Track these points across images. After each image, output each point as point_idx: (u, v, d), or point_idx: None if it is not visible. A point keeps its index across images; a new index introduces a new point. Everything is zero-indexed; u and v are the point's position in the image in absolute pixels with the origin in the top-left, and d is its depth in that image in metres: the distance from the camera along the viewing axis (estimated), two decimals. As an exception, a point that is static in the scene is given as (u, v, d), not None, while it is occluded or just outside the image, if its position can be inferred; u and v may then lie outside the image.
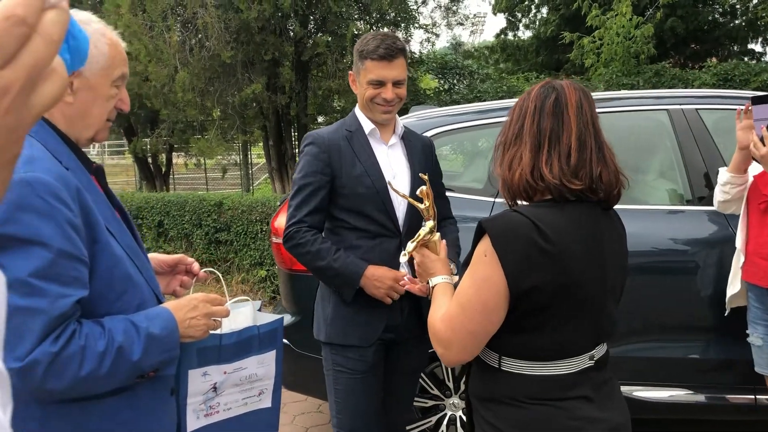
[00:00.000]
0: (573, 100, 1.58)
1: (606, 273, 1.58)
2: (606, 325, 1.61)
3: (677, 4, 11.80)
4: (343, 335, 2.43)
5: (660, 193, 3.51)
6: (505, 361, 1.57)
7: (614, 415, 1.58)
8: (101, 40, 1.44)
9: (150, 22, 8.55)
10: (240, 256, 7.21)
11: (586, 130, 1.56)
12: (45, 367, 1.28)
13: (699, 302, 3.16)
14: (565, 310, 1.51)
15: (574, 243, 1.51)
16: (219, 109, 9.71)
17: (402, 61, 2.34)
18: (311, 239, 2.34)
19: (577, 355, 1.56)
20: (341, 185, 2.36)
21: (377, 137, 2.43)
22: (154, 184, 12.74)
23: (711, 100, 3.49)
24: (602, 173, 1.56)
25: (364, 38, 2.37)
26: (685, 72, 9.14)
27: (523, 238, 1.47)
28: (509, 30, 16.92)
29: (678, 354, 3.19)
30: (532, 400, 1.53)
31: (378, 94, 2.33)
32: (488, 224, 1.52)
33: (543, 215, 1.50)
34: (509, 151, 1.61)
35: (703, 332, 3.20)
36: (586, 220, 1.56)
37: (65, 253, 1.30)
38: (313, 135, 2.44)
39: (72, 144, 1.47)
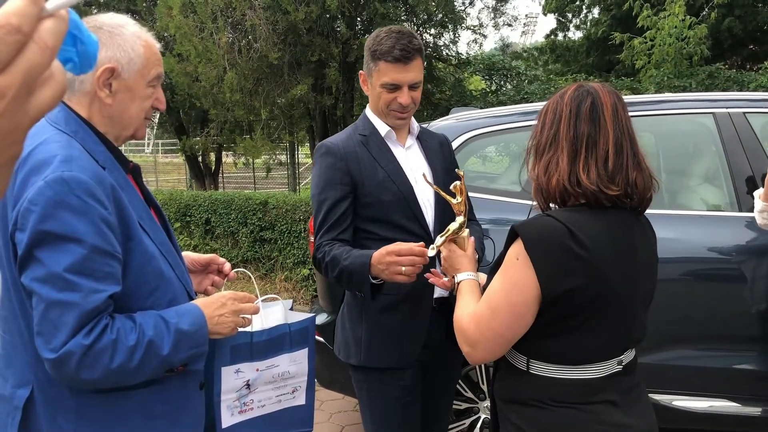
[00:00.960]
0: (609, 105, 1.56)
1: (637, 279, 1.57)
2: (636, 332, 1.60)
3: (735, 3, 11.48)
4: (379, 357, 2.23)
5: (705, 198, 3.43)
6: (534, 365, 1.57)
7: (640, 421, 1.57)
8: (137, 43, 1.49)
9: (200, 24, 8.73)
10: (284, 254, 7.30)
11: (622, 135, 1.55)
12: (78, 359, 1.33)
13: (745, 311, 3.07)
14: (597, 315, 1.51)
15: (608, 249, 1.50)
16: (266, 110, 9.85)
17: (419, 61, 2.17)
18: (327, 250, 2.14)
19: (606, 359, 1.55)
20: (364, 194, 2.17)
21: (393, 140, 2.27)
22: (204, 182, 13.00)
23: (760, 103, 3.39)
24: (637, 179, 1.55)
25: (377, 36, 2.17)
26: (741, 74, 8.87)
27: (558, 244, 1.46)
28: (559, 30, 16.71)
29: (720, 364, 3.11)
30: (558, 403, 1.53)
31: (393, 98, 2.15)
32: (522, 229, 1.51)
33: (577, 221, 1.49)
34: (545, 156, 1.59)
35: (748, 342, 3.11)
36: (620, 227, 1.55)
37: (99, 250, 1.35)
38: (326, 144, 2.26)
39: (109, 143, 1.52)
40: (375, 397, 2.29)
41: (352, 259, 2.06)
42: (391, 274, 1.97)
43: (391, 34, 2.14)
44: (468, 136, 3.54)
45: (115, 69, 1.46)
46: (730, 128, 3.25)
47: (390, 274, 1.97)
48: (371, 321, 2.25)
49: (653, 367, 2.96)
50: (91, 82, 1.46)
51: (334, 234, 2.16)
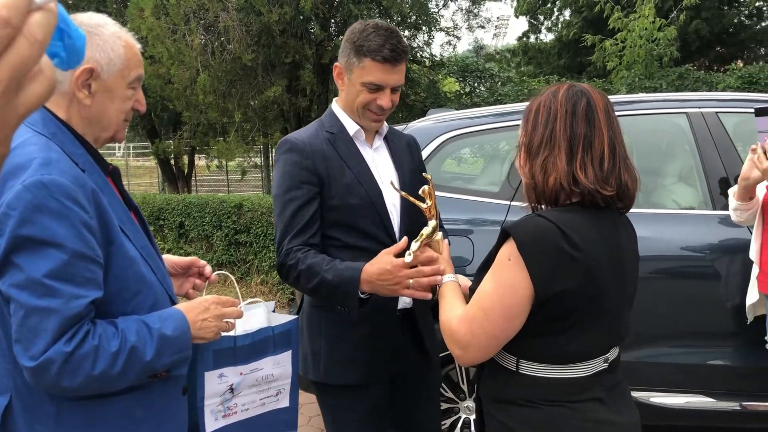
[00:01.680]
0: (601, 106, 1.57)
1: (625, 278, 1.59)
2: (622, 330, 1.63)
3: (702, 6, 11.68)
4: (340, 374, 2.10)
5: (678, 197, 3.48)
6: (523, 364, 1.57)
7: (625, 417, 1.59)
8: (117, 43, 1.47)
9: (173, 26, 8.65)
10: (259, 258, 7.26)
11: (614, 137, 1.56)
12: (59, 366, 1.30)
13: (719, 307, 3.12)
14: (588, 315, 1.52)
15: (599, 250, 1.51)
16: (240, 112, 9.79)
17: (404, 64, 2.05)
18: (301, 257, 1.96)
19: (594, 358, 1.56)
20: (330, 196, 2.02)
21: (362, 140, 2.12)
22: (177, 185, 12.87)
23: (731, 103, 3.46)
24: (628, 180, 1.57)
25: (363, 30, 2.00)
26: (709, 75, 9.04)
27: (551, 245, 1.46)
28: (531, 33, 16.86)
29: (696, 360, 3.15)
30: (548, 402, 1.54)
31: (373, 99, 2.01)
32: (514, 230, 1.51)
33: (569, 221, 1.49)
34: (540, 155, 1.58)
35: (723, 338, 3.17)
36: (608, 226, 1.57)
37: (80, 254, 1.32)
38: (291, 140, 2.09)
39: (89, 146, 1.49)
40: (338, 416, 2.16)
41: (337, 271, 1.91)
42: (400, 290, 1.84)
43: (380, 31, 1.98)
44: (446, 137, 3.55)
45: (94, 69, 1.43)
46: (704, 128, 3.30)
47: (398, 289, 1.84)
48: (331, 334, 2.11)
49: (630, 365, 2.99)
50: (69, 83, 1.43)
51: (304, 238, 2.00)
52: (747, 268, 2.95)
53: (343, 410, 2.15)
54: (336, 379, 2.11)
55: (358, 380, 2.09)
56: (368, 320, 2.08)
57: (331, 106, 2.18)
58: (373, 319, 2.08)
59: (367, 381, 2.10)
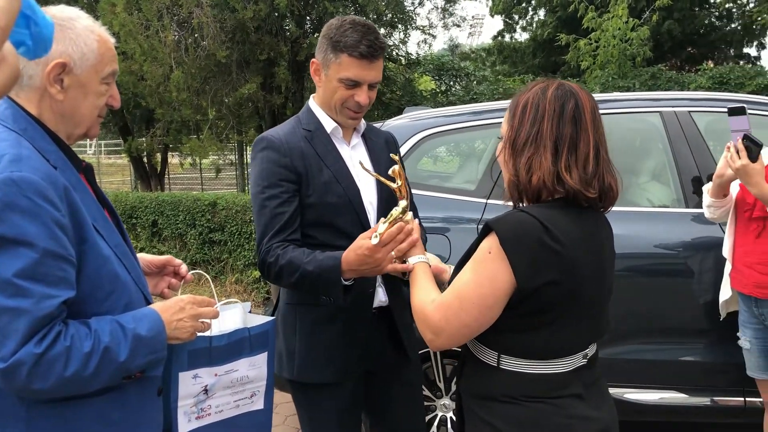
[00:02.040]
0: (588, 108, 1.57)
1: (604, 275, 1.61)
2: (602, 325, 1.64)
3: (674, 7, 11.83)
4: (314, 372, 2.10)
5: (652, 195, 3.52)
6: (504, 360, 1.58)
7: (603, 413, 1.60)
8: (90, 37, 1.43)
9: (145, 21, 8.54)
10: (234, 256, 7.20)
11: (600, 140, 1.57)
12: (29, 368, 1.27)
13: (691, 305, 3.16)
14: (569, 310, 1.53)
15: (580, 245, 1.52)
16: (214, 109, 9.70)
17: (381, 61, 2.04)
18: (281, 253, 1.96)
19: (573, 353, 1.57)
20: (307, 194, 2.02)
21: (339, 137, 2.11)
22: (150, 183, 12.71)
23: (704, 102, 3.50)
24: (612, 183, 1.58)
25: (341, 26, 1.99)
26: (681, 75, 9.17)
27: (533, 238, 1.47)
28: (506, 32, 16.95)
29: (669, 357, 3.19)
30: (528, 398, 1.54)
31: (351, 96, 2.00)
32: (496, 224, 1.51)
33: (551, 217, 1.51)
34: (525, 153, 1.58)
35: (696, 335, 3.21)
36: (589, 224, 1.58)
37: (51, 253, 1.29)
38: (267, 137, 2.07)
39: (61, 142, 1.46)
40: (313, 414, 2.16)
41: (317, 262, 1.90)
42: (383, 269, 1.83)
43: (357, 27, 1.98)
44: (422, 135, 3.55)
45: (66, 64, 1.40)
46: (677, 127, 3.34)
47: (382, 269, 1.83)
48: (305, 332, 2.11)
49: (605, 361, 3.01)
50: (40, 78, 1.39)
51: (284, 236, 1.99)
52: (720, 265, 2.99)
53: (318, 408, 2.14)
54: (310, 377, 2.11)
55: (332, 378, 2.09)
56: (342, 318, 2.07)
57: (308, 103, 2.16)
58: (347, 317, 2.07)
59: (341, 379, 2.10)
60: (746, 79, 8.21)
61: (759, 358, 2.82)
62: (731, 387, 3.11)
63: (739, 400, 3.10)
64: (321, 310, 2.08)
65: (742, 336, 2.87)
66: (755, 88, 7.94)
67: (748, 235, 2.76)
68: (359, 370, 2.14)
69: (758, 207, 2.69)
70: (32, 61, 1.38)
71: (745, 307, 2.83)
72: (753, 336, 2.82)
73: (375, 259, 1.80)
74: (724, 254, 2.88)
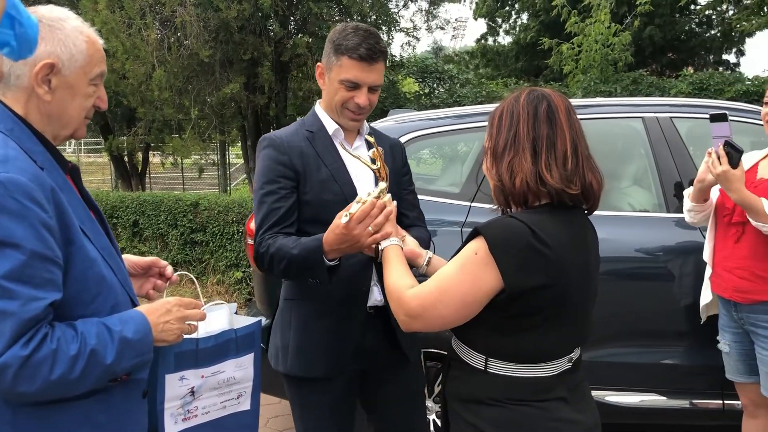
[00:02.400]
0: (562, 107, 1.61)
1: (591, 278, 1.64)
2: (587, 329, 1.67)
3: (655, 13, 11.95)
4: (306, 366, 2.15)
5: (634, 200, 3.55)
6: (492, 363, 1.59)
7: (587, 416, 1.63)
8: (79, 38, 1.43)
9: (128, 20, 8.47)
10: (216, 257, 7.16)
11: (576, 137, 1.60)
12: (15, 371, 1.26)
13: (672, 309, 3.20)
14: (557, 313, 1.55)
15: (567, 249, 1.54)
16: (196, 109, 9.64)
17: (382, 64, 2.11)
18: (271, 242, 2.02)
19: (560, 357, 1.60)
20: (304, 191, 2.09)
21: (341, 139, 2.18)
22: (130, 183, 12.61)
23: (685, 108, 3.54)
24: (593, 180, 1.60)
25: (343, 30, 2.09)
26: (662, 80, 9.27)
27: (521, 242, 1.50)
28: (489, 35, 17.03)
29: (649, 360, 3.23)
30: (515, 401, 1.56)
31: (351, 97, 2.08)
32: (485, 229, 1.54)
33: (539, 221, 1.53)
34: (506, 158, 1.61)
35: (676, 338, 3.24)
36: (576, 227, 1.61)
37: (38, 255, 1.28)
38: (269, 137, 2.17)
39: (47, 143, 1.45)
40: (304, 408, 2.21)
41: (302, 245, 1.95)
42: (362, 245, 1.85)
43: (358, 31, 2.06)
44: (407, 138, 3.55)
45: (55, 65, 1.39)
46: (659, 132, 3.38)
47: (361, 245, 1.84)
48: (299, 327, 2.17)
49: (586, 364, 3.04)
50: (28, 78, 1.38)
51: (278, 229, 2.05)
52: (700, 269, 3.02)
53: (308, 402, 2.19)
54: (301, 371, 2.16)
55: (322, 373, 2.13)
56: (335, 315, 2.12)
57: (314, 107, 2.24)
58: (340, 314, 2.12)
59: (331, 374, 2.14)
60: (725, 86, 8.32)
61: (738, 361, 2.86)
62: (710, 390, 3.15)
63: (718, 402, 3.14)
64: (315, 305, 2.13)
65: (722, 339, 2.90)
66: (734, 94, 8.05)
67: (727, 239, 2.79)
68: (352, 368, 2.17)
69: (737, 212, 2.72)
70: (19, 61, 1.37)
71: (725, 311, 2.87)
72: (732, 339, 2.85)
73: (352, 236, 1.82)
74: (705, 258, 2.92)
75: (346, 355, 2.13)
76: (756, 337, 2.73)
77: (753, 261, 2.68)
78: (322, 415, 2.19)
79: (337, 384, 2.16)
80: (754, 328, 2.72)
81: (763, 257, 2.66)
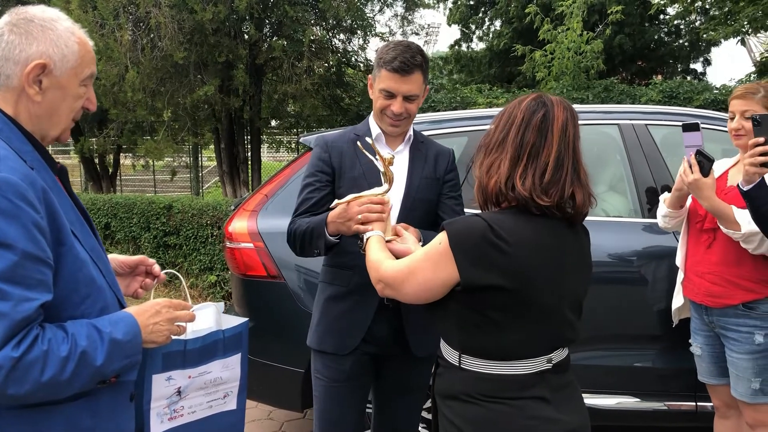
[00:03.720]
0: (560, 120, 1.63)
1: (564, 284, 1.64)
2: (566, 332, 1.68)
3: (625, 22, 12.14)
4: (320, 341, 2.42)
5: (609, 206, 3.62)
6: (465, 359, 1.63)
7: (571, 417, 1.64)
8: (71, 39, 1.42)
9: (101, 20, 8.36)
10: (189, 260, 7.10)
11: (565, 151, 1.62)
12: (6, 373, 1.25)
13: (646, 312, 3.26)
14: (521, 315, 1.58)
15: (532, 252, 1.57)
16: (170, 111, 9.54)
17: (418, 76, 2.31)
18: (298, 222, 2.34)
19: (533, 357, 1.61)
20: (339, 185, 2.37)
21: (383, 143, 2.42)
22: (101, 185, 12.43)
23: (660, 116, 3.62)
24: (576, 194, 1.62)
25: (386, 46, 2.37)
26: (633, 88, 9.40)
27: (476, 236, 1.56)
28: (463, 41, 17.12)
29: (625, 362, 3.28)
30: (487, 398, 1.59)
31: (388, 105, 2.32)
32: (448, 225, 1.63)
33: (502, 221, 1.57)
34: (490, 157, 1.66)
35: (650, 341, 3.30)
36: (548, 233, 1.62)
37: (30, 256, 1.28)
38: (319, 137, 2.51)
39: (36, 143, 1.44)
40: (317, 378, 2.45)
41: (312, 219, 2.28)
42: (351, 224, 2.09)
43: (398, 46, 2.31)
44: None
45: (47, 65, 1.38)
46: (634, 139, 3.44)
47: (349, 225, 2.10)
48: (321, 307, 2.45)
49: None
50: (18, 78, 1.38)
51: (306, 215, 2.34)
52: (673, 273, 3.08)
53: (319, 373, 2.44)
54: (315, 344, 2.44)
55: (331, 348, 2.39)
56: (351, 299, 2.37)
57: (369, 115, 2.50)
58: (354, 300, 2.36)
59: (338, 351, 2.37)
60: (694, 94, 8.47)
61: (710, 364, 2.92)
62: (684, 392, 3.21)
63: (691, 404, 3.21)
64: (337, 289, 2.40)
65: (694, 342, 2.96)
66: (702, 102, 8.20)
67: (699, 245, 2.85)
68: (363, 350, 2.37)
69: (709, 219, 2.78)
70: (10, 60, 1.36)
71: (696, 315, 2.93)
72: (704, 342, 2.91)
73: (347, 215, 2.10)
74: (677, 263, 2.98)
75: (355, 337, 2.36)
76: (726, 340, 2.79)
77: (724, 267, 2.74)
78: (328, 387, 2.41)
79: (347, 361, 2.38)
80: (725, 331, 2.78)
81: (733, 263, 2.72)
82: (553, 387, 1.63)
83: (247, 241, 3.39)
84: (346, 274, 2.37)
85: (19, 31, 1.39)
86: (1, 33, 1.40)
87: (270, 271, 3.34)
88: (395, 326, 2.37)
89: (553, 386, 1.63)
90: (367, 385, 2.50)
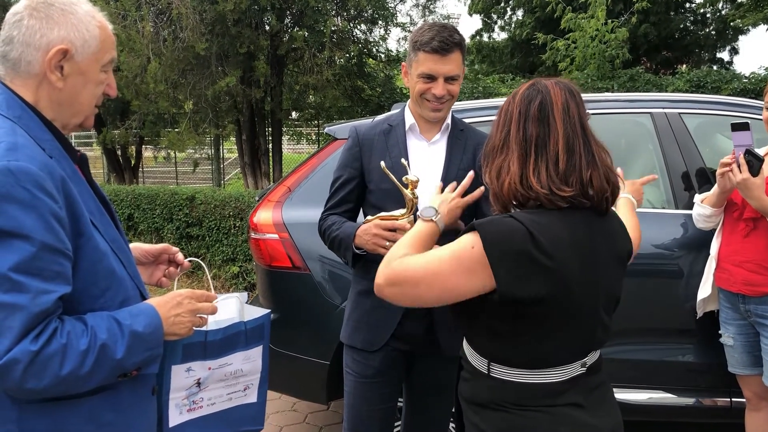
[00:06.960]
0: (559, 103, 1.52)
1: (600, 283, 1.53)
2: (599, 334, 1.57)
3: (650, 10, 11.94)
4: (350, 336, 2.40)
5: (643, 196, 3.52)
6: (494, 368, 1.54)
7: (605, 421, 1.55)
8: (92, 23, 1.38)
9: (123, 11, 8.37)
10: (212, 251, 7.10)
11: (573, 134, 1.50)
12: (24, 367, 1.22)
13: (678, 305, 3.17)
14: (558, 321, 1.48)
15: (571, 255, 1.45)
16: (191, 102, 9.55)
17: (458, 55, 2.20)
18: (327, 220, 2.35)
19: (568, 363, 1.53)
20: (368, 180, 2.32)
21: (417, 132, 2.33)
22: (123, 176, 12.51)
23: (694, 104, 3.51)
24: (593, 177, 1.50)
25: (420, 28, 2.25)
26: (659, 78, 9.24)
27: (518, 248, 1.41)
28: (485, 31, 17.00)
29: (657, 357, 3.20)
30: (519, 406, 1.51)
31: (428, 89, 2.21)
32: (482, 228, 1.45)
33: (539, 224, 1.43)
34: (497, 160, 1.55)
35: (681, 335, 3.22)
36: (582, 229, 1.50)
37: (48, 247, 1.24)
38: (351, 128, 2.44)
39: (56, 131, 1.40)
40: (347, 373, 2.44)
41: (343, 228, 2.27)
42: (375, 247, 2.13)
43: (433, 27, 2.20)
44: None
45: (68, 51, 1.34)
46: (667, 127, 3.35)
47: (373, 246, 2.13)
48: (353, 301, 2.42)
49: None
50: (40, 64, 1.34)
51: (334, 210, 2.36)
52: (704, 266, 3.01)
53: (350, 368, 2.42)
54: (347, 339, 2.42)
55: (360, 344, 2.36)
56: None
57: (405, 104, 2.42)
58: None
59: (367, 347, 2.35)
60: (722, 83, 8.31)
61: (742, 354, 2.90)
62: (718, 387, 3.13)
63: (726, 400, 3.13)
64: (366, 283, 2.28)
65: (725, 333, 2.93)
66: (731, 92, 8.04)
67: (735, 234, 2.84)
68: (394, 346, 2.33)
69: (749, 208, 2.76)
70: (31, 46, 1.32)
71: (729, 305, 2.90)
72: (737, 332, 2.89)
73: (371, 236, 2.14)
74: (712, 252, 2.95)
75: (383, 333, 2.32)
76: (763, 329, 2.79)
77: (763, 255, 2.75)
78: (358, 383, 2.39)
79: (376, 357, 2.34)
80: (762, 320, 2.78)
81: None
82: (586, 390, 1.55)
83: (272, 232, 3.35)
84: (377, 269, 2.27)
85: (40, 16, 1.35)
86: (21, 18, 1.36)
87: (295, 262, 3.30)
88: (426, 324, 2.30)
89: (586, 389, 1.55)
90: (398, 382, 2.45)
